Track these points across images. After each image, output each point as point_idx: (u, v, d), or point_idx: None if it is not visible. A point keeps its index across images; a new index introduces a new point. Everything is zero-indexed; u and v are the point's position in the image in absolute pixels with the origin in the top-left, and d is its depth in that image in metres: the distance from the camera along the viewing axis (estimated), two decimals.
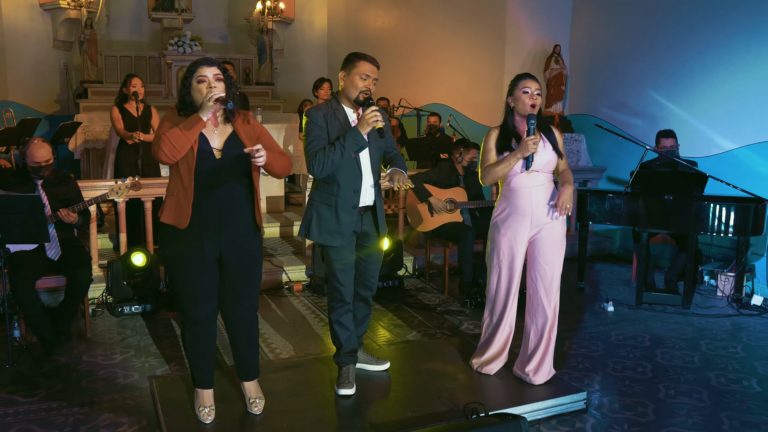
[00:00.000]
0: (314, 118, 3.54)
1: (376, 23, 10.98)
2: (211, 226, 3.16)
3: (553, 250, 3.74)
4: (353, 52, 3.58)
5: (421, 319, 5.27)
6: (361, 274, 3.83)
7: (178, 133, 2.99)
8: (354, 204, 3.58)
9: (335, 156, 3.41)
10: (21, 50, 10.24)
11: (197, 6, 11.50)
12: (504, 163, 3.61)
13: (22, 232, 4.13)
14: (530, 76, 3.68)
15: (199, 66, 3.12)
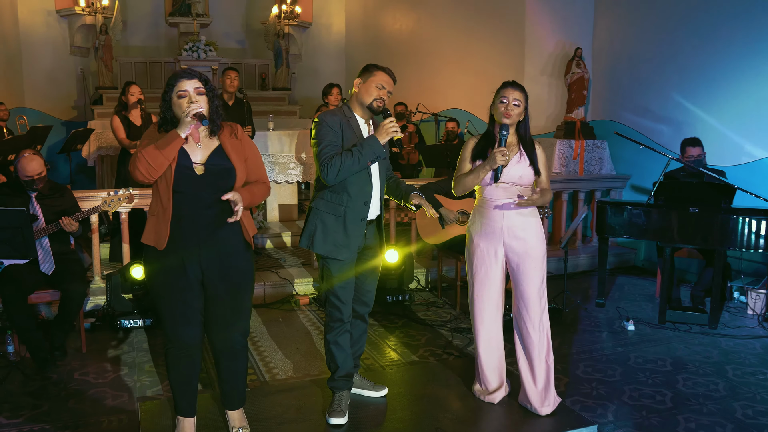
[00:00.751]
0: (329, 122, 3.38)
1: (394, 26, 10.76)
2: (191, 245, 2.96)
3: (530, 267, 3.51)
4: (373, 63, 3.47)
5: (430, 337, 5.03)
6: (358, 288, 3.64)
7: (155, 152, 2.81)
8: (363, 216, 3.42)
9: (352, 163, 3.25)
10: (38, 56, 10.23)
11: (214, 10, 11.41)
12: (473, 173, 3.45)
13: (8, 247, 3.98)
14: (511, 85, 3.48)
15: (179, 79, 2.91)
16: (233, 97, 6.56)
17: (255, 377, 4.28)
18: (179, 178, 2.90)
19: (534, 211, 3.57)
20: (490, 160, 3.35)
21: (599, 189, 7.46)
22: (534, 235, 3.52)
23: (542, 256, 3.54)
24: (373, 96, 3.35)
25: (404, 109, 9.47)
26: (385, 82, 3.37)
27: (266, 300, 5.92)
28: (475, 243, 3.59)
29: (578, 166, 7.66)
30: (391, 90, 3.38)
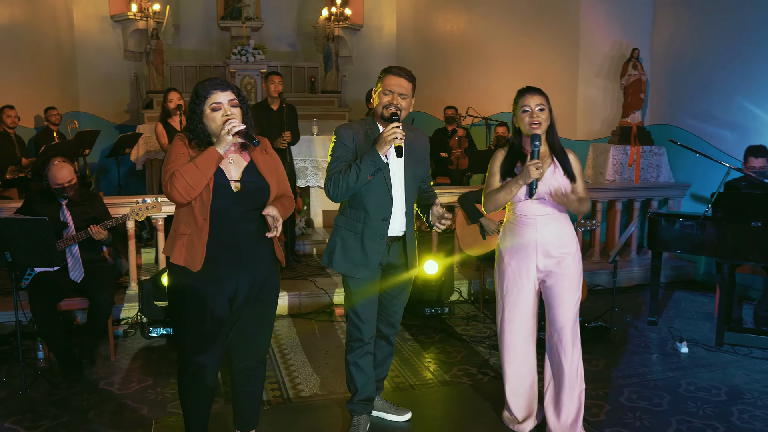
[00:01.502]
0: (342, 136, 3.21)
1: (445, 27, 10.52)
2: (229, 266, 2.83)
3: (564, 288, 3.24)
4: (385, 67, 3.25)
5: (466, 354, 4.78)
6: (384, 309, 3.45)
7: (193, 170, 2.68)
8: (382, 233, 3.21)
9: (350, 179, 3.05)
10: (92, 61, 10.41)
11: (266, 13, 11.38)
12: (505, 189, 3.20)
13: (32, 255, 3.95)
14: (530, 91, 3.21)
15: (212, 91, 2.76)
16: (277, 102, 6.44)
17: (278, 392, 4.13)
18: (217, 197, 2.77)
19: (570, 229, 3.30)
20: (524, 175, 3.10)
21: (656, 198, 7.04)
22: (570, 254, 3.26)
23: (578, 276, 3.27)
24: (382, 104, 3.13)
25: (454, 113, 9.20)
26: (393, 85, 3.11)
27: (302, 309, 5.78)
28: (506, 262, 3.35)
29: (634, 173, 7.26)
30: (404, 92, 3.11)
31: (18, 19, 8.53)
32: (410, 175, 3.24)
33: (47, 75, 9.33)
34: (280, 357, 4.73)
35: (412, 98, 3.21)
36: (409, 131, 3.25)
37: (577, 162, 3.29)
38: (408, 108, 3.18)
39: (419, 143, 3.31)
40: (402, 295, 3.45)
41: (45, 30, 9.33)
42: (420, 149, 3.30)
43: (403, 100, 3.11)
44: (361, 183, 3.07)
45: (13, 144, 7.49)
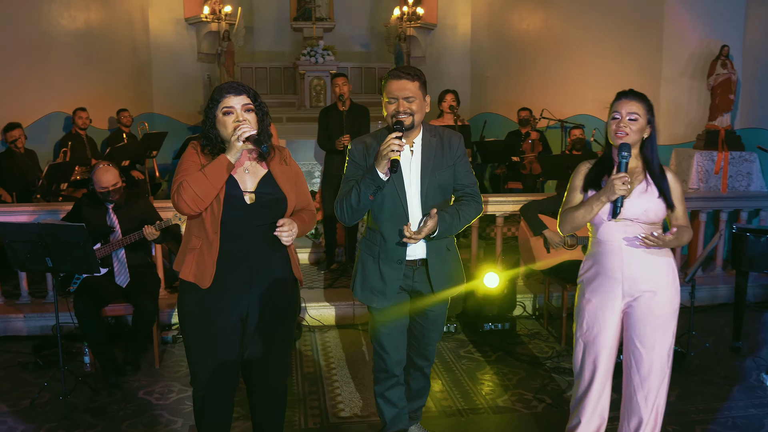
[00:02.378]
0: (353, 152, 2.93)
1: (521, 26, 10.09)
2: (240, 282, 2.66)
3: (654, 327, 2.82)
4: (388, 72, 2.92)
5: (524, 377, 4.43)
6: (417, 339, 3.15)
7: (202, 180, 2.51)
8: (399, 258, 2.90)
9: (352, 200, 2.77)
10: (167, 63, 10.59)
11: (339, 14, 11.30)
12: (585, 206, 2.78)
13: (70, 261, 3.90)
14: (626, 96, 2.80)
15: (225, 94, 2.59)
16: (346, 104, 6.23)
17: (317, 411, 3.93)
18: (228, 209, 2.59)
19: (667, 258, 2.86)
20: (608, 190, 2.69)
21: (745, 209, 6.42)
22: (664, 288, 2.83)
23: (672, 314, 2.86)
24: (389, 113, 2.79)
25: (528, 115, 8.80)
26: (395, 90, 2.76)
27: (355, 320, 5.56)
28: (586, 298, 2.94)
29: (720, 181, 6.66)
30: (409, 94, 2.75)
31: (93, 23, 8.73)
32: (432, 186, 2.88)
33: (122, 77, 9.52)
34: (326, 371, 4.53)
35: (425, 97, 2.85)
36: (432, 135, 2.92)
37: (677, 185, 2.85)
38: (421, 110, 2.82)
39: (447, 146, 2.93)
40: (434, 326, 3.13)
41: (120, 34, 9.53)
42: (447, 155, 2.92)
43: (411, 103, 2.76)
44: (364, 204, 2.76)
45: (84, 145, 7.64)
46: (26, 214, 5.26)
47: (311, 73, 10.08)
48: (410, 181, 2.87)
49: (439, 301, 3.03)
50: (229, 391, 2.80)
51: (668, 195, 2.78)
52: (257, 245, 2.64)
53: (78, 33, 8.37)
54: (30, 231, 3.83)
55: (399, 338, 3.03)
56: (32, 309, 5.30)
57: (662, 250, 2.83)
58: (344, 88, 6.19)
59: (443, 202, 2.96)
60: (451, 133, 2.99)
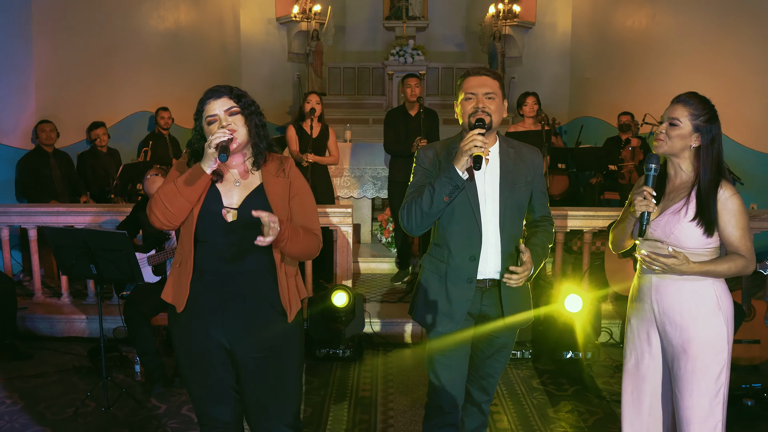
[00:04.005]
0: (420, 158, 2.66)
1: (625, 23, 9.35)
2: (214, 308, 2.36)
3: (689, 370, 2.39)
4: None
5: (601, 418, 3.92)
6: (477, 369, 2.80)
7: (173, 192, 2.24)
8: (469, 277, 2.58)
9: (424, 203, 2.47)
10: (257, 63, 10.59)
11: (433, 12, 10.94)
12: (621, 224, 2.61)
13: (114, 269, 3.75)
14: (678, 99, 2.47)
15: (206, 102, 2.33)
16: (415, 107, 5.89)
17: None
18: (203, 226, 2.31)
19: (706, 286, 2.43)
20: (632, 207, 2.43)
21: None
22: (699, 321, 2.40)
23: (714, 354, 2.39)
24: (467, 113, 2.51)
25: (630, 120, 8.14)
26: (474, 86, 2.51)
27: (424, 337, 5.18)
28: (628, 318, 2.66)
29: None
30: (489, 90, 2.50)
31: (183, 23, 8.79)
32: (509, 201, 2.58)
33: (210, 77, 9.55)
34: (382, 397, 4.18)
35: (504, 99, 2.57)
36: (509, 146, 2.63)
37: (733, 206, 2.40)
38: (500, 111, 2.54)
39: (525, 162, 2.64)
40: (499, 355, 2.77)
41: (210, 33, 9.58)
42: (524, 170, 2.64)
43: (490, 101, 2.49)
44: (437, 207, 2.46)
45: (166, 145, 7.66)
46: (90, 215, 5.24)
47: (400, 74, 9.75)
48: (485, 193, 2.58)
49: (507, 329, 2.69)
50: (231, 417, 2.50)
51: (709, 218, 2.37)
52: (237, 269, 2.34)
53: (167, 33, 8.43)
54: (75, 237, 3.71)
55: (459, 371, 2.69)
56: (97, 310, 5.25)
57: (701, 283, 2.41)
58: (416, 89, 5.85)
59: (519, 222, 2.67)
60: (529, 148, 2.72)
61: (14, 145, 6.18)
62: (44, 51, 6.34)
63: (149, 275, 4.28)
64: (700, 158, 2.42)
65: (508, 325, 2.65)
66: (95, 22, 7.15)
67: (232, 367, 2.44)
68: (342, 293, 4.70)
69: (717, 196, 2.39)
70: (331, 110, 8.63)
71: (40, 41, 6.27)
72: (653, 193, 2.34)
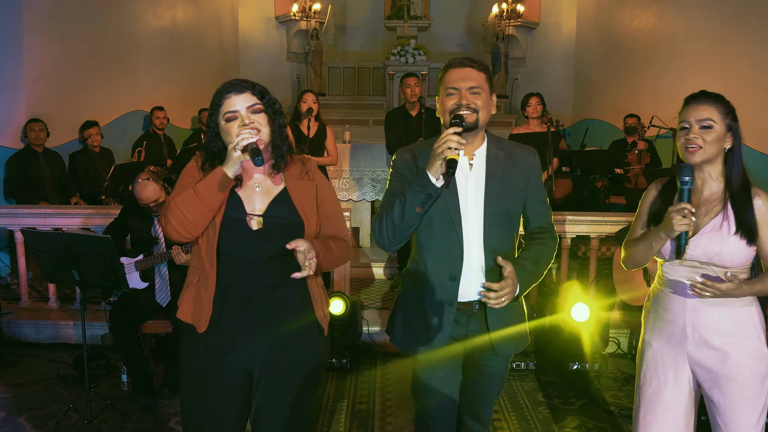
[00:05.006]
0: (396, 163, 2.37)
1: (632, 24, 9.18)
2: (243, 328, 2.15)
3: (731, 398, 2.17)
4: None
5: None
6: (472, 401, 2.54)
7: (192, 199, 2.03)
8: (449, 298, 2.28)
9: (395, 215, 2.17)
10: (255, 63, 10.43)
11: (436, 12, 10.77)
12: (644, 242, 2.27)
13: (98, 275, 3.56)
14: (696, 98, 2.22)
15: (225, 95, 2.11)
16: (416, 107, 5.72)
17: None
18: (227, 236, 2.10)
19: (747, 307, 2.22)
20: (666, 226, 2.13)
21: None
22: (743, 347, 2.19)
23: (760, 381, 2.18)
24: (447, 109, 2.22)
25: (636, 122, 7.98)
26: (457, 79, 2.22)
27: None
28: (646, 340, 2.39)
29: None
30: (474, 84, 2.21)
31: (180, 21, 8.62)
32: (495, 212, 2.27)
33: (207, 76, 9.39)
34: (379, 410, 3.99)
35: (491, 95, 2.29)
36: (498, 148, 2.33)
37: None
38: (487, 109, 2.26)
39: (517, 166, 2.33)
40: (491, 385, 2.51)
41: (208, 32, 9.41)
42: (516, 175, 2.32)
43: (476, 96, 2.21)
44: (409, 220, 2.16)
45: (161, 145, 7.48)
46: (80, 217, 5.06)
47: (401, 74, 9.55)
48: (467, 203, 2.28)
49: (497, 356, 2.42)
50: None
51: (750, 229, 2.14)
52: (265, 282, 2.13)
53: (163, 30, 8.26)
54: (57, 241, 3.51)
55: (449, 401, 2.43)
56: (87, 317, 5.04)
57: (741, 304, 2.20)
58: (416, 89, 5.68)
59: (508, 236, 2.35)
60: (523, 148, 2.40)
61: (4, 144, 6.01)
62: (35, 48, 6.17)
63: (137, 281, 4.09)
64: (731, 162, 2.19)
65: (499, 352, 2.37)
66: (89, 18, 6.99)
67: (245, 398, 2.22)
68: (338, 301, 4.51)
69: (753, 204, 2.17)
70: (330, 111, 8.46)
71: (31, 37, 6.10)
72: (693, 209, 2.09)
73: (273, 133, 2.14)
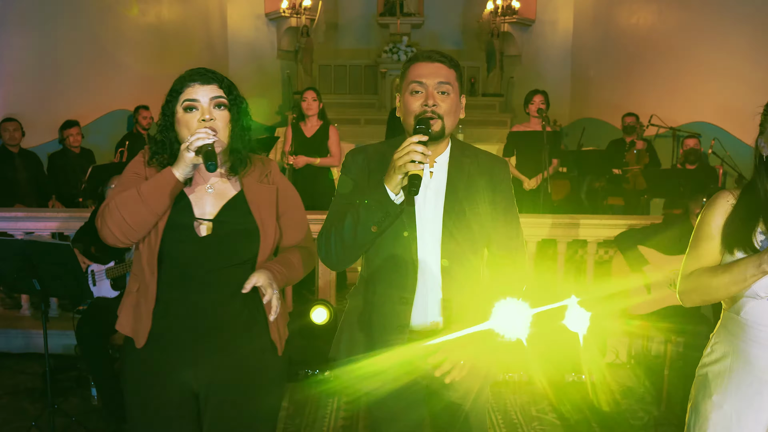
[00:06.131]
0: (347, 165, 2.06)
1: (630, 20, 9.01)
2: (185, 347, 1.93)
3: None
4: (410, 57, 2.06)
5: None
6: None
7: (135, 202, 1.80)
8: (400, 323, 1.97)
9: (345, 232, 1.88)
10: (244, 61, 10.27)
11: (429, 9, 10.59)
12: (729, 274, 1.79)
13: (60, 285, 3.33)
14: None
15: (188, 83, 1.89)
16: None
17: None
18: (171, 242, 1.87)
19: None
20: (765, 260, 1.72)
21: None
22: None
23: None
24: (411, 111, 1.92)
25: (634, 121, 7.83)
26: (425, 74, 1.91)
27: None
28: (715, 401, 1.94)
29: None
30: (443, 79, 1.91)
31: (166, 17, 8.45)
32: (456, 229, 1.98)
33: None
34: (362, 427, 3.77)
35: (461, 95, 2.01)
36: (463, 155, 2.03)
37: None
38: (454, 113, 1.96)
39: (483, 176, 2.02)
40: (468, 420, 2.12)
41: (195, 28, 9.24)
42: (482, 187, 2.01)
43: (443, 98, 1.91)
44: (362, 239, 1.86)
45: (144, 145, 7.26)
46: (55, 220, 4.84)
47: (394, 72, 9.40)
48: (424, 216, 1.99)
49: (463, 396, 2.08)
50: None
51: None
52: (213, 296, 1.90)
53: (148, 27, 8.07)
54: (14, 248, 3.28)
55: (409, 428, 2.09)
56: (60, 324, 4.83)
57: None
58: None
59: (470, 256, 2.02)
60: (493, 158, 2.09)
61: None
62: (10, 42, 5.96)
63: (108, 289, 3.87)
64: None
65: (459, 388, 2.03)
66: (69, 12, 6.80)
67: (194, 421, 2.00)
68: (322, 309, 4.30)
69: None
70: None
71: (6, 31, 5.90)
72: None
73: (234, 135, 1.92)
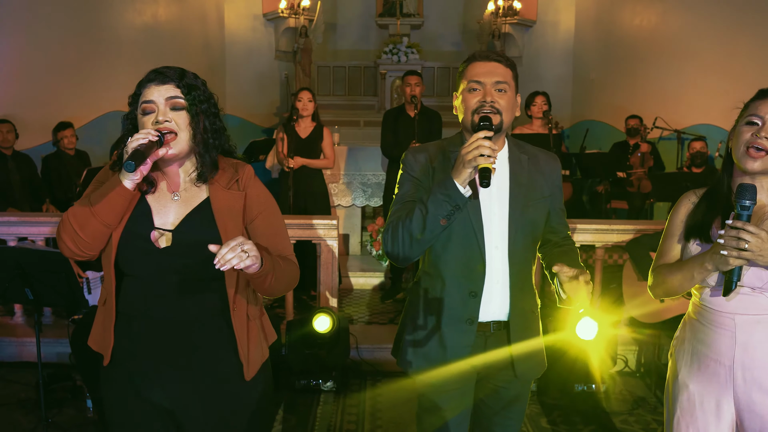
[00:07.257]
0: (408, 164, 2.09)
1: (633, 21, 8.91)
2: (146, 368, 1.81)
3: None
4: None
5: None
6: (483, 428, 2.26)
7: (85, 212, 1.68)
8: (469, 317, 2.03)
9: (413, 226, 1.91)
10: (242, 62, 10.14)
11: (429, 10, 10.48)
12: (683, 271, 1.91)
13: (54, 294, 3.20)
14: None
15: (146, 84, 1.75)
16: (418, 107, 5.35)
17: None
18: (126, 254, 1.74)
19: None
20: (713, 256, 1.78)
21: None
22: None
23: None
24: (470, 107, 1.97)
25: (638, 124, 7.72)
26: (482, 73, 1.97)
27: None
28: (680, 381, 2.02)
29: None
30: (500, 79, 1.97)
31: (162, 18, 8.32)
32: (521, 223, 2.05)
33: None
34: None
35: (517, 93, 2.05)
36: (521, 152, 2.10)
37: None
38: (511, 109, 2.02)
39: (542, 173, 2.13)
40: (510, 412, 2.22)
41: (192, 29, 9.11)
42: (541, 183, 2.13)
43: (501, 95, 1.97)
44: (431, 232, 1.91)
45: None
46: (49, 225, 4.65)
47: (393, 73, 9.27)
48: (491, 212, 2.05)
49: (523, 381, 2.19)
50: None
51: None
52: (173, 315, 1.78)
53: (144, 27, 7.94)
54: (5, 255, 3.15)
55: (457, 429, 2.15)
56: (54, 332, 4.69)
57: None
58: (417, 89, 5.33)
59: (533, 249, 2.14)
60: (547, 155, 2.20)
61: None
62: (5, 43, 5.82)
63: None
64: None
65: (520, 376, 2.14)
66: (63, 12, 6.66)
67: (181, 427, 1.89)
68: (325, 317, 4.16)
69: None
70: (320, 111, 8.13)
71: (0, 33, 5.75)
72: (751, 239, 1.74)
73: (195, 138, 1.77)
